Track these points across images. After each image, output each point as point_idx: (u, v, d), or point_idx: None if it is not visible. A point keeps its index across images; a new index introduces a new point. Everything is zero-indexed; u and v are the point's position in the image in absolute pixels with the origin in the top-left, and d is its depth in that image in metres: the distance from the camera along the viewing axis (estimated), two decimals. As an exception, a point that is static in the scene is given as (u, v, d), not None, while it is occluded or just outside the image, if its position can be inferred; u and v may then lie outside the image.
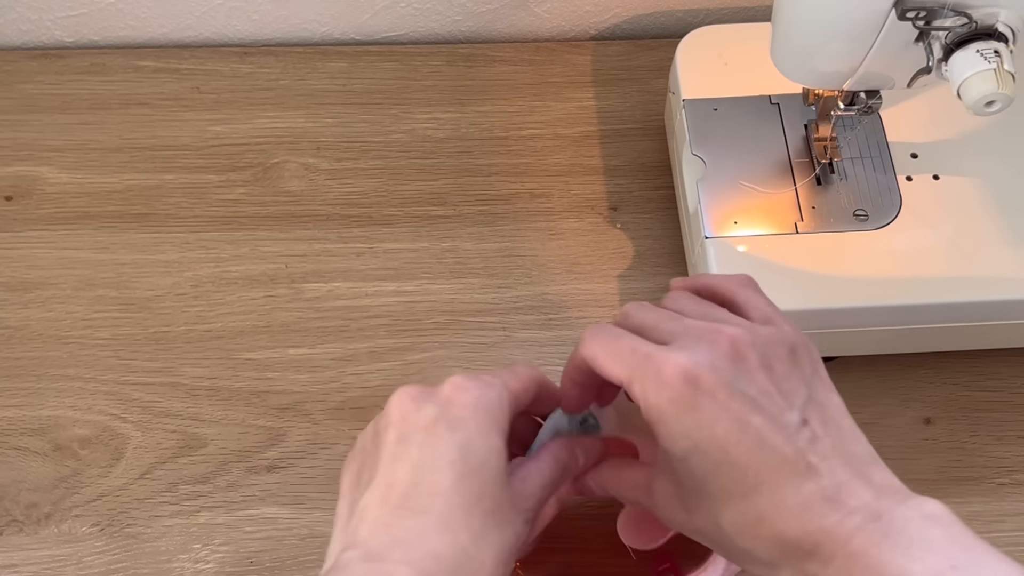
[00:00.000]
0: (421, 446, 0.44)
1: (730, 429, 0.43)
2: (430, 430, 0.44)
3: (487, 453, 0.44)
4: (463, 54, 0.83)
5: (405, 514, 0.43)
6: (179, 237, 0.74)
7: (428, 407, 0.45)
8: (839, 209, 0.66)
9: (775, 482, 0.42)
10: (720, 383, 0.43)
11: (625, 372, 0.45)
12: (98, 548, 0.63)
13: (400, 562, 0.41)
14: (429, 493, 0.43)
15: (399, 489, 0.43)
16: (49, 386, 0.68)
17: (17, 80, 0.80)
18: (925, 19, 0.53)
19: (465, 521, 0.42)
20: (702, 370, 0.43)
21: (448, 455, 0.43)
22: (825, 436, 0.43)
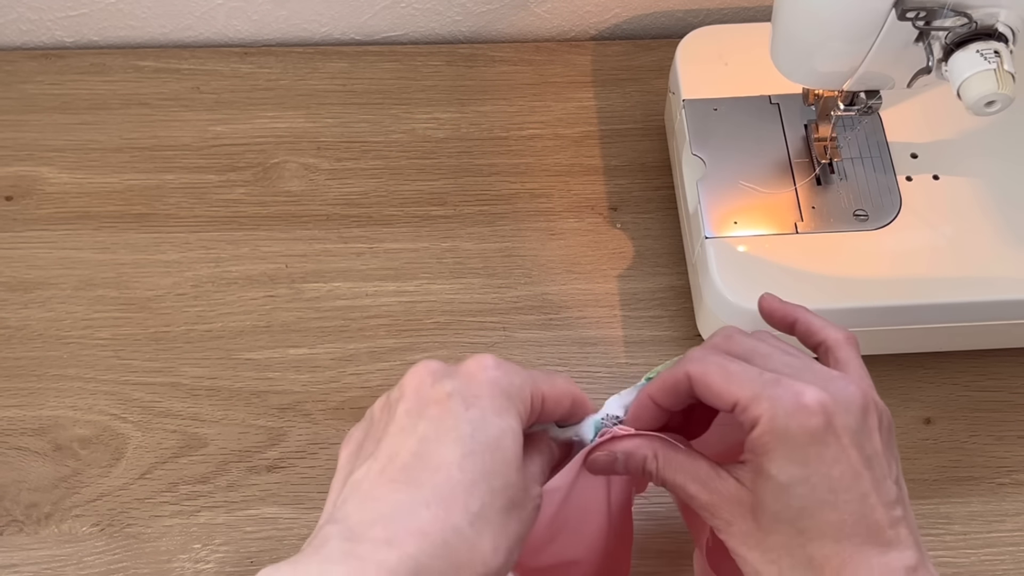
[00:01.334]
0: (432, 420, 0.42)
1: (845, 475, 0.43)
2: (443, 404, 0.42)
3: (501, 432, 0.42)
4: (463, 54, 0.83)
5: (398, 487, 0.40)
6: (179, 237, 0.74)
7: (446, 381, 0.43)
8: (839, 209, 0.66)
9: (866, 540, 0.43)
10: (850, 429, 0.43)
11: (749, 392, 0.44)
12: (98, 548, 0.63)
13: (379, 541, 0.38)
14: (429, 467, 0.40)
15: (399, 462, 0.41)
16: (49, 386, 0.68)
17: (17, 80, 0.80)
18: (925, 19, 0.53)
19: (464, 499, 0.40)
20: (839, 409, 0.43)
21: (457, 429, 0.41)
22: (907, 515, 0.45)
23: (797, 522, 0.43)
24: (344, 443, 0.45)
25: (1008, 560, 0.63)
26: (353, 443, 0.45)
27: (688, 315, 0.70)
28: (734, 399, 0.44)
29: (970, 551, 0.63)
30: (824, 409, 0.43)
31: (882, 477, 0.44)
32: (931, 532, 0.64)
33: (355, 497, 0.41)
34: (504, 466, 0.41)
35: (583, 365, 0.69)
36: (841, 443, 0.43)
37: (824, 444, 0.43)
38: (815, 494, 0.43)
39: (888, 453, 0.45)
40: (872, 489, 0.43)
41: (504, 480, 0.41)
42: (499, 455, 0.41)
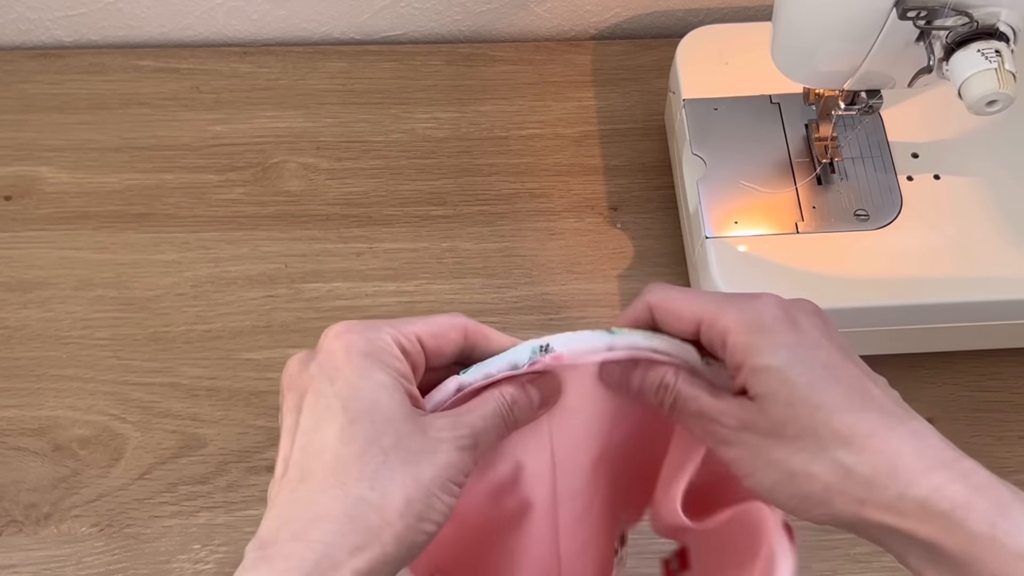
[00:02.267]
0: (307, 409, 0.41)
1: (832, 358, 0.42)
2: (313, 389, 0.41)
3: (372, 392, 0.40)
4: (463, 54, 0.82)
5: (295, 487, 0.40)
6: (178, 237, 0.74)
7: (310, 365, 0.42)
8: (840, 209, 0.66)
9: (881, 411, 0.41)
10: (816, 326, 0.43)
11: (712, 306, 0.43)
12: (97, 548, 0.63)
13: (286, 540, 0.38)
14: (315, 455, 0.40)
15: (292, 464, 0.40)
16: (48, 386, 0.68)
17: (16, 80, 0.80)
18: (926, 19, 0.53)
19: (357, 468, 0.39)
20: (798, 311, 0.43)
21: (330, 409, 0.40)
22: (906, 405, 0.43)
23: (810, 398, 0.41)
24: None
25: (1009, 560, 0.63)
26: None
27: (688, 315, 0.70)
28: (697, 317, 0.44)
29: (971, 551, 0.63)
30: (784, 308, 0.43)
31: (866, 368, 0.43)
32: (932, 532, 0.64)
33: (268, 511, 0.40)
34: (388, 423, 0.40)
35: (583, 365, 0.69)
36: (813, 334, 0.42)
37: (799, 333, 0.42)
38: (814, 370, 0.41)
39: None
40: (863, 374, 0.42)
41: (394, 436, 0.40)
42: (379, 415, 0.40)
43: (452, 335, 0.44)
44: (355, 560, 0.38)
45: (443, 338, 0.44)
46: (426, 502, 0.40)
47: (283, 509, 0.40)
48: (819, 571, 0.62)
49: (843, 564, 0.63)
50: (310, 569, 0.37)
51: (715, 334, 0.43)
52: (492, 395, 0.44)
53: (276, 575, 0.38)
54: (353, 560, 0.38)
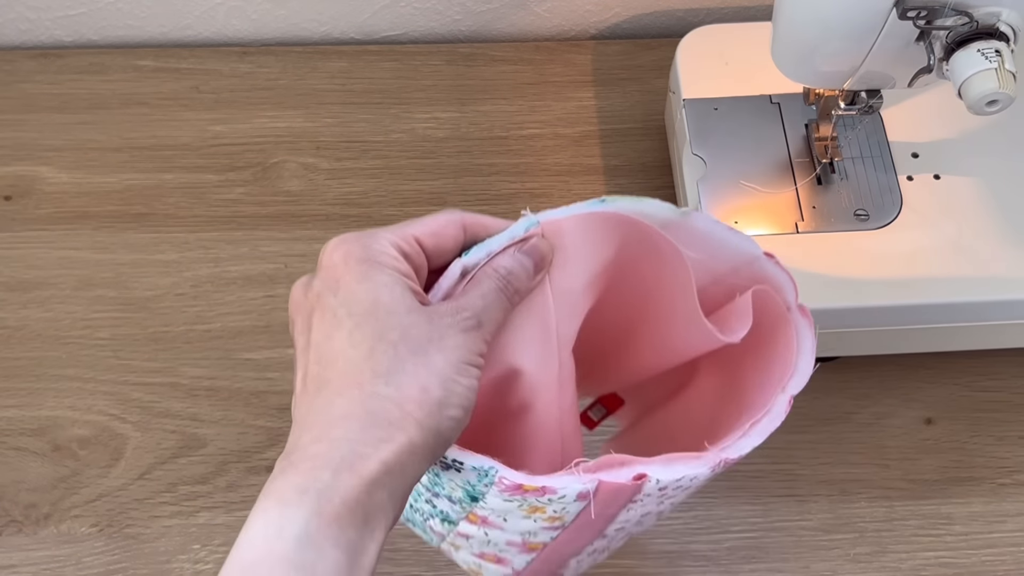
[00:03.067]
0: (316, 325, 0.41)
1: None
2: (318, 305, 0.42)
3: (372, 292, 0.41)
4: (463, 53, 0.82)
5: (313, 397, 0.40)
6: (178, 237, 0.74)
7: (313, 284, 0.43)
8: (840, 209, 0.66)
9: None
10: None
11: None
12: (97, 548, 0.63)
13: (308, 444, 0.39)
14: (328, 363, 0.40)
15: (309, 377, 0.41)
16: (48, 386, 0.68)
17: (16, 79, 0.80)
18: (926, 18, 0.52)
19: (369, 366, 0.40)
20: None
21: (336, 316, 0.41)
22: None
23: None
24: None
25: (1009, 560, 0.63)
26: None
27: (688, 315, 0.70)
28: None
29: (971, 551, 0.63)
30: None
31: None
32: (932, 532, 0.64)
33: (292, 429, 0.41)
34: (393, 317, 0.40)
35: (583, 365, 0.69)
36: None
37: None
38: None
39: None
40: None
41: (399, 329, 0.40)
42: (382, 311, 0.40)
43: (451, 231, 0.44)
44: (380, 451, 0.39)
45: (442, 236, 0.44)
46: (443, 387, 0.40)
47: (304, 420, 0.40)
48: (819, 571, 0.62)
49: (843, 564, 0.63)
50: (337, 464, 0.38)
51: None
52: (486, 272, 0.44)
53: (303, 475, 0.38)
54: (378, 452, 0.39)
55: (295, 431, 0.40)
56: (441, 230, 0.44)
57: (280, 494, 0.38)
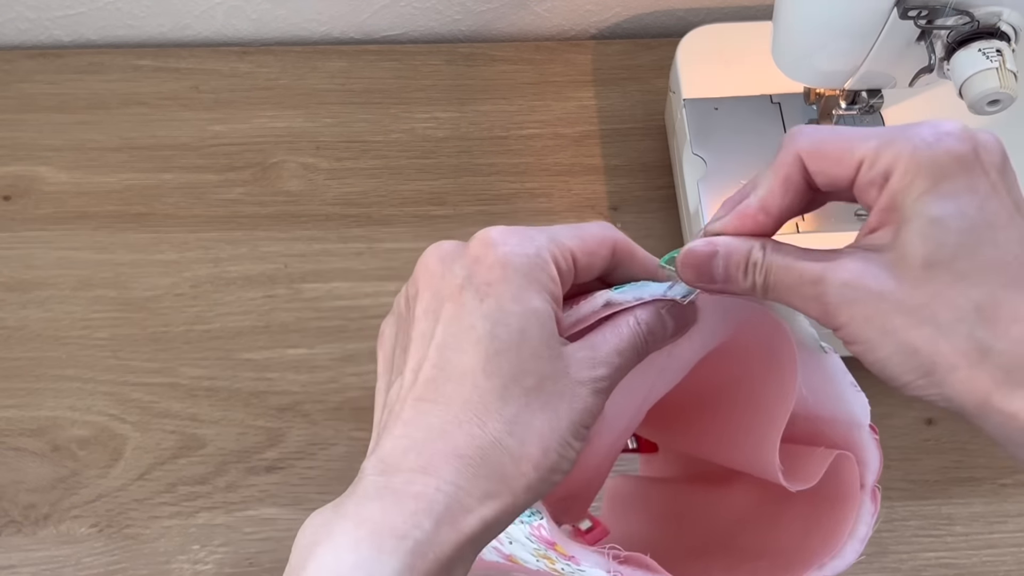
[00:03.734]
0: (447, 320, 0.37)
1: (1000, 212, 0.36)
2: (456, 299, 0.37)
3: (524, 320, 0.37)
4: (463, 53, 0.82)
5: (426, 407, 0.37)
6: (178, 237, 0.74)
7: (454, 269, 0.38)
8: (840, 208, 0.66)
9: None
10: (995, 166, 0.37)
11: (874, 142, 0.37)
12: (97, 549, 0.63)
13: (414, 470, 0.35)
14: (453, 378, 0.37)
15: (423, 377, 0.37)
16: (47, 386, 0.68)
17: (15, 79, 0.80)
18: (927, 18, 0.52)
19: (497, 406, 0.36)
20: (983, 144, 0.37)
21: (475, 329, 0.37)
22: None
23: (955, 263, 0.35)
24: (378, 343, 0.41)
25: (1010, 560, 0.63)
26: (387, 345, 0.41)
27: (689, 315, 0.70)
28: (859, 157, 0.37)
29: (972, 552, 0.63)
30: (971, 137, 0.37)
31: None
32: (933, 533, 0.64)
33: (390, 423, 0.37)
34: (534, 360, 0.37)
35: (583, 365, 0.69)
36: (990, 178, 0.36)
37: (974, 174, 0.36)
38: (973, 228, 0.35)
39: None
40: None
41: (537, 377, 0.37)
42: (526, 348, 0.37)
43: (603, 252, 0.40)
44: (484, 508, 0.36)
45: (595, 255, 0.40)
46: (559, 451, 0.37)
47: (411, 429, 0.37)
48: (820, 572, 0.62)
49: (844, 565, 0.63)
50: (440, 513, 0.35)
51: (876, 174, 0.37)
52: (627, 322, 0.40)
53: (404, 516, 0.35)
54: (483, 508, 0.36)
55: (397, 436, 0.37)
56: (596, 249, 0.40)
57: (377, 530, 0.35)
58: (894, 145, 0.36)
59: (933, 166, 0.36)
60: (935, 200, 0.35)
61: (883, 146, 0.37)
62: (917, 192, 0.36)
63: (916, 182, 0.36)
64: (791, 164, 0.39)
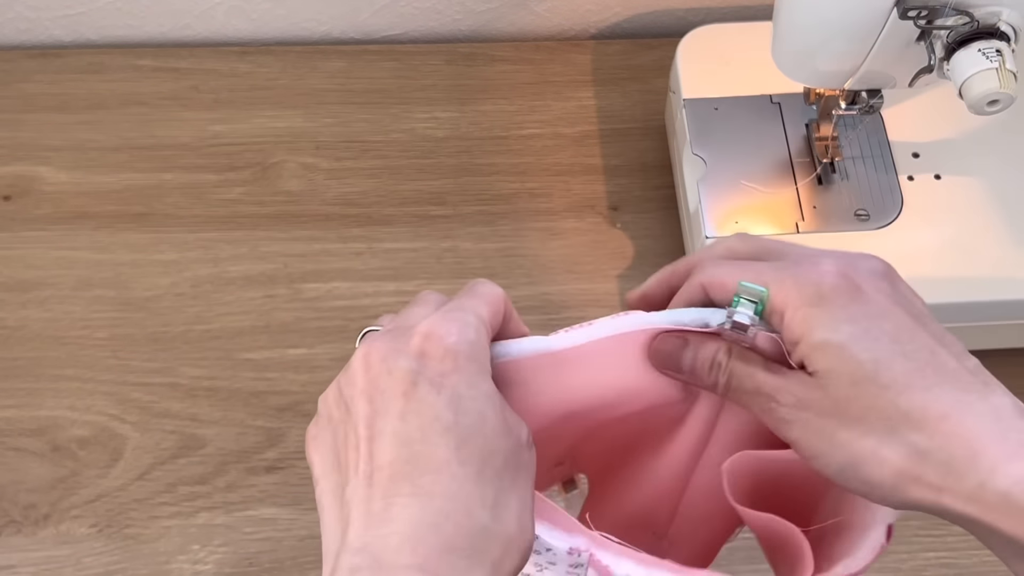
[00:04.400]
0: (403, 416, 0.38)
1: (901, 328, 0.39)
2: (410, 395, 0.38)
3: (483, 404, 0.38)
4: (463, 53, 0.82)
5: (407, 502, 0.37)
6: (177, 237, 0.74)
7: (401, 363, 0.38)
8: (840, 209, 0.66)
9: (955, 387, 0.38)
10: (883, 291, 0.40)
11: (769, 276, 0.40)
12: (96, 549, 0.63)
13: (410, 567, 0.36)
14: (429, 470, 0.37)
15: (394, 472, 0.37)
16: (47, 386, 0.68)
17: (15, 79, 0.80)
18: (927, 18, 0.52)
19: (478, 492, 0.37)
20: (862, 275, 0.40)
21: (440, 421, 0.37)
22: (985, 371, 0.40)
23: (876, 377, 0.38)
24: (309, 445, 0.41)
25: (1010, 561, 0.63)
26: (323, 448, 0.41)
27: (688, 315, 0.70)
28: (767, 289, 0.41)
29: (972, 552, 0.63)
30: (845, 273, 0.40)
31: (938, 333, 0.40)
32: (933, 533, 0.64)
33: (365, 520, 0.37)
34: (496, 439, 0.38)
35: (583, 365, 0.69)
36: (879, 301, 0.39)
37: (863, 302, 0.39)
38: (880, 344, 0.38)
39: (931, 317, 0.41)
40: (935, 342, 0.39)
41: (502, 455, 0.38)
42: (488, 430, 0.38)
43: (503, 309, 0.43)
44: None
45: (499, 315, 0.42)
46: (530, 517, 0.39)
47: (396, 524, 0.37)
48: (819, 572, 0.62)
49: (844, 565, 0.63)
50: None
51: (773, 309, 0.40)
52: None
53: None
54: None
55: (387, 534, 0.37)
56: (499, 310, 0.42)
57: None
58: (783, 286, 0.40)
59: (821, 300, 0.39)
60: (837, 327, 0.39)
61: (774, 286, 0.40)
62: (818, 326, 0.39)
63: (812, 317, 0.39)
64: (695, 291, 0.43)
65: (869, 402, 0.38)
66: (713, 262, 0.43)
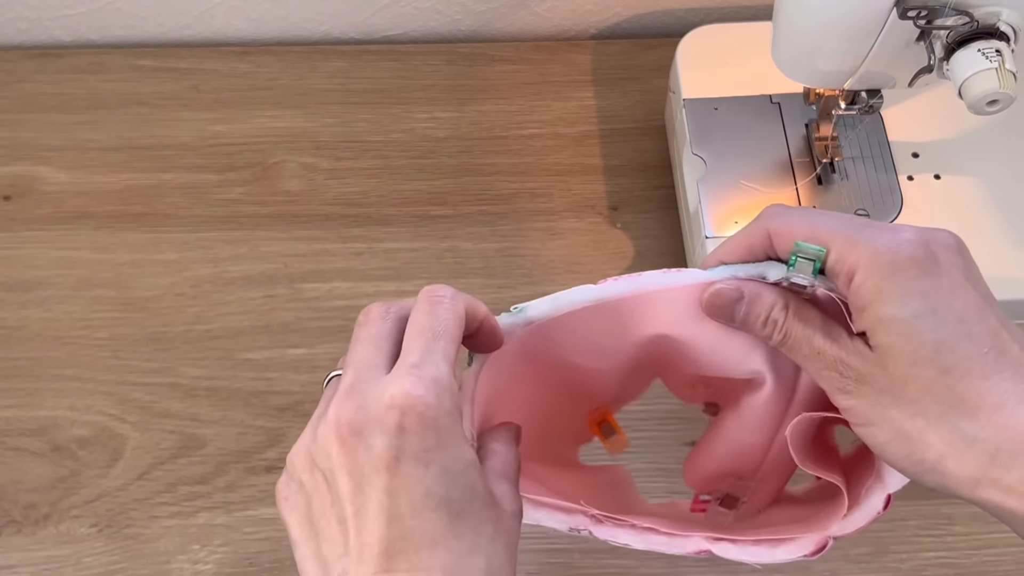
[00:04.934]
0: (390, 492, 0.38)
1: (969, 307, 0.39)
2: (394, 471, 0.37)
3: (472, 476, 0.39)
4: (463, 53, 0.82)
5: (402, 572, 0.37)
6: (178, 237, 0.74)
7: (377, 441, 0.38)
8: (840, 209, 0.66)
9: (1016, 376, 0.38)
10: (956, 265, 0.40)
11: (841, 237, 0.40)
12: (97, 549, 0.63)
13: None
14: (425, 546, 0.37)
15: (380, 548, 0.37)
16: (47, 386, 0.68)
17: (15, 79, 0.80)
18: (926, 18, 0.52)
19: (474, 563, 0.38)
20: (939, 247, 0.40)
21: (432, 496, 0.38)
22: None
23: (937, 359, 0.38)
24: (282, 506, 0.41)
25: (1010, 560, 0.63)
26: (297, 512, 0.40)
27: (688, 315, 0.70)
28: (826, 247, 0.41)
29: (972, 551, 0.63)
30: (925, 243, 0.39)
31: (1006, 317, 0.40)
32: (933, 533, 0.64)
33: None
34: (485, 509, 0.39)
35: (583, 365, 0.69)
36: (953, 277, 0.39)
37: (936, 276, 0.39)
38: (947, 324, 0.38)
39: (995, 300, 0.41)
40: (1001, 325, 0.39)
41: (492, 524, 0.39)
42: (478, 502, 0.39)
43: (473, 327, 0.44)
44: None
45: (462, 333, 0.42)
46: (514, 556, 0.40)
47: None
48: (819, 571, 0.62)
49: (843, 564, 0.63)
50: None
51: (842, 268, 0.40)
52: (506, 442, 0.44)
53: None
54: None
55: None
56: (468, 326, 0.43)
57: None
58: (856, 248, 0.40)
59: (895, 270, 0.39)
60: (906, 301, 0.38)
61: (847, 246, 0.40)
62: (886, 296, 0.39)
63: (882, 285, 0.39)
64: (759, 236, 0.42)
65: (926, 384, 0.38)
66: (784, 209, 0.42)
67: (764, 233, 0.42)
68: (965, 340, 0.38)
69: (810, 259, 0.41)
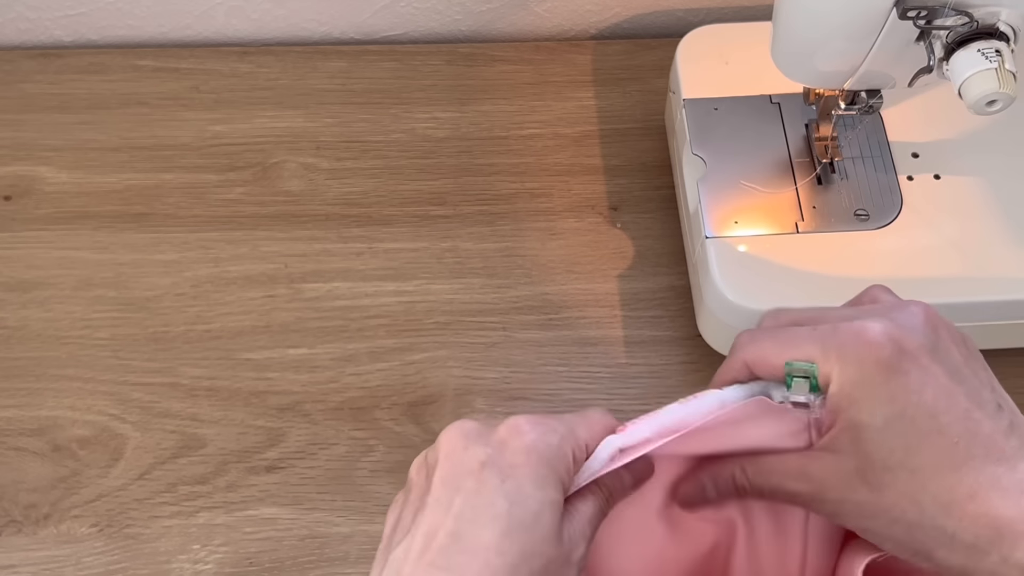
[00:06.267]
0: (467, 494, 0.39)
1: (938, 395, 0.40)
2: (477, 476, 0.40)
3: (540, 506, 0.39)
4: (463, 53, 0.82)
5: (439, 574, 0.38)
6: (178, 237, 0.74)
7: (477, 448, 0.40)
8: (840, 209, 0.66)
9: (987, 458, 0.39)
10: (924, 348, 0.41)
11: (809, 351, 0.42)
12: (97, 549, 0.63)
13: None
14: (467, 550, 0.38)
15: (436, 544, 0.39)
16: (48, 386, 0.68)
17: (16, 79, 0.80)
18: (926, 18, 0.52)
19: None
20: (904, 333, 0.41)
21: (494, 507, 0.39)
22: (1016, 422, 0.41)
23: (908, 463, 0.40)
24: (391, 508, 0.43)
25: None
26: (397, 508, 0.43)
27: (689, 315, 0.70)
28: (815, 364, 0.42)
29: None
30: (891, 338, 0.41)
31: (975, 389, 0.41)
32: (932, 533, 0.64)
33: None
34: (543, 544, 0.39)
35: (583, 365, 0.69)
36: (921, 364, 0.40)
37: (905, 373, 0.40)
38: (915, 425, 0.40)
39: (970, 364, 0.42)
40: (970, 404, 0.40)
41: (544, 559, 0.39)
42: (538, 532, 0.39)
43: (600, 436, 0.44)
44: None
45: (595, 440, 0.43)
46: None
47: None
48: None
49: (843, 564, 0.63)
50: None
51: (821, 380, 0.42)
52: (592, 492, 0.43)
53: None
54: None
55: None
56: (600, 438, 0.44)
57: None
58: (829, 359, 0.41)
59: (863, 379, 0.40)
60: (877, 409, 0.40)
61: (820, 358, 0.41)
62: (860, 406, 0.40)
63: (855, 395, 0.40)
64: (740, 371, 0.44)
65: (901, 490, 0.40)
66: (751, 336, 0.44)
67: (743, 366, 0.44)
68: (935, 435, 0.40)
69: (804, 377, 0.42)
